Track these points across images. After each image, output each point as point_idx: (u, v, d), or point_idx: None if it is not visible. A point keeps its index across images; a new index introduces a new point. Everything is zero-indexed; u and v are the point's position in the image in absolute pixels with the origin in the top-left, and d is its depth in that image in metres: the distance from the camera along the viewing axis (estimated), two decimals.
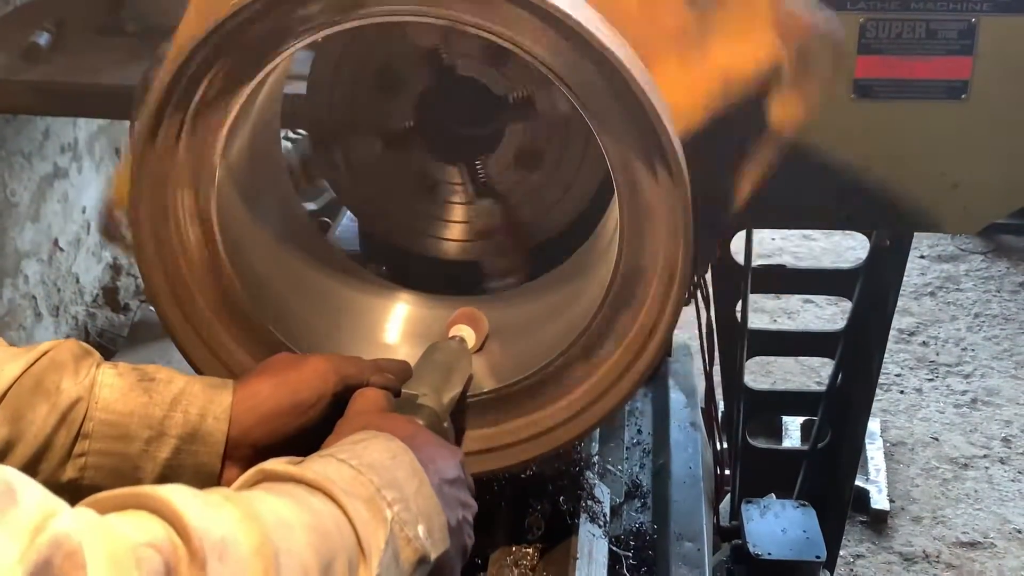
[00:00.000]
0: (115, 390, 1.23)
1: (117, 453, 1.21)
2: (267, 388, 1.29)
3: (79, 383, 1.21)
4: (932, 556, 3.49)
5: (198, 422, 1.24)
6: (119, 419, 1.21)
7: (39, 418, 1.18)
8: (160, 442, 1.23)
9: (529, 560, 1.52)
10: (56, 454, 1.19)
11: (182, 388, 1.25)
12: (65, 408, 1.19)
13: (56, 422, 1.18)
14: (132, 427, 1.22)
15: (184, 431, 1.23)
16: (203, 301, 1.44)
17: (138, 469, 1.22)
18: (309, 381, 1.30)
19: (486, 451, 1.48)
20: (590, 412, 1.43)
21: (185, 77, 1.29)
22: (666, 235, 1.30)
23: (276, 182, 1.65)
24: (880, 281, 2.29)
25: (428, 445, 1.17)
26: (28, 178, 3.15)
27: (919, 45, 1.59)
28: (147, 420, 1.22)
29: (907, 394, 4.19)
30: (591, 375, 1.42)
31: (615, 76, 1.22)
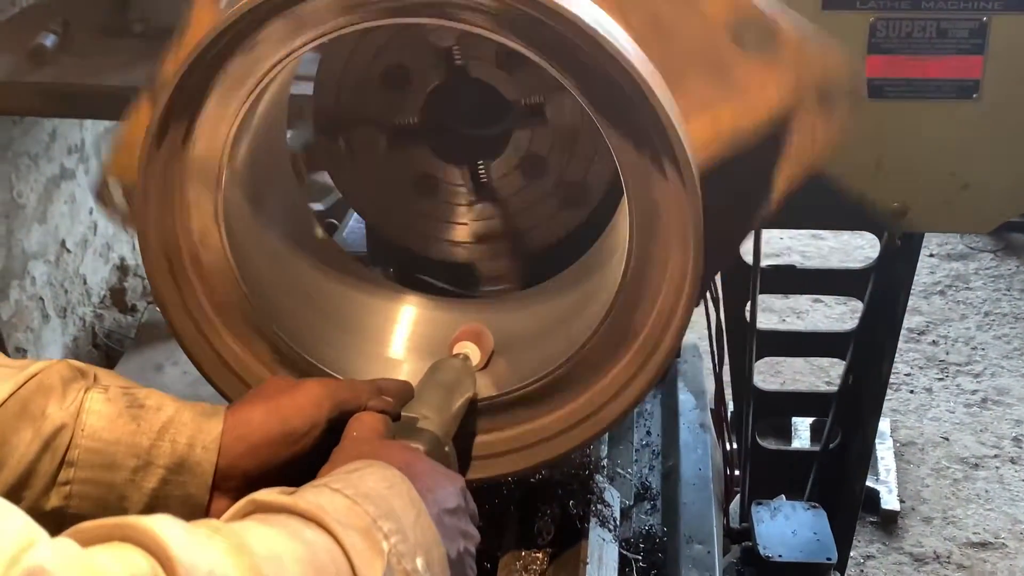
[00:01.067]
0: (102, 417, 1.19)
1: (103, 482, 1.18)
2: (258, 416, 1.25)
3: (65, 408, 1.18)
4: (943, 557, 3.47)
5: (186, 452, 1.21)
6: (105, 447, 1.18)
7: (23, 443, 1.15)
8: (147, 471, 1.19)
9: (539, 565, 1.51)
10: (40, 481, 1.16)
11: (171, 416, 1.22)
12: (49, 434, 1.16)
13: (40, 448, 1.15)
14: (118, 456, 1.19)
15: (171, 461, 1.20)
16: (209, 304, 1.43)
17: (124, 499, 1.19)
18: (302, 408, 1.26)
19: (492, 456, 1.47)
20: (599, 416, 1.42)
21: (193, 79, 1.28)
22: (676, 236, 1.29)
23: (282, 184, 1.64)
24: (891, 281, 2.28)
25: (427, 473, 1.14)
26: (35, 179, 3.15)
27: (930, 44, 1.58)
28: (134, 449, 1.19)
29: (917, 394, 4.18)
30: (601, 379, 1.41)
31: (623, 75, 1.21)
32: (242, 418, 1.24)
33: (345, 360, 1.54)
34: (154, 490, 1.20)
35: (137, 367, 3.07)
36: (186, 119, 1.32)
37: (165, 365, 3.03)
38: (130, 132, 1.42)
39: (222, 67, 1.29)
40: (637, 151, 1.26)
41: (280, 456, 1.24)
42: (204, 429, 1.22)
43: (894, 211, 1.68)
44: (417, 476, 1.11)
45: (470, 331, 1.52)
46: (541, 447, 1.44)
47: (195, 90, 1.30)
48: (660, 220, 1.30)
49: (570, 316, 1.51)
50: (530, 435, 1.44)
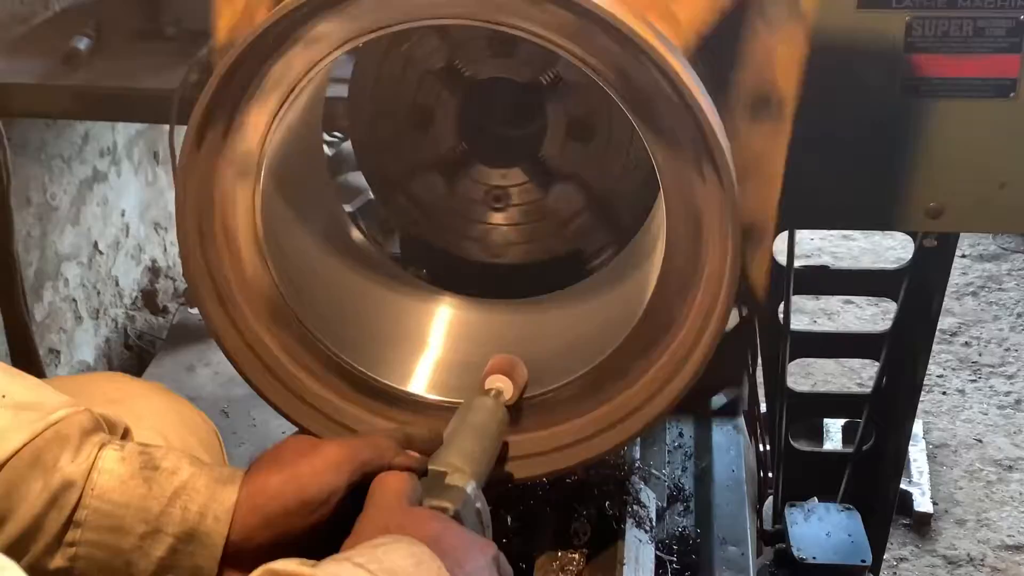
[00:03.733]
0: (114, 477, 1.15)
1: (110, 546, 1.15)
2: (275, 484, 1.19)
3: (77, 464, 1.14)
4: (977, 560, 3.44)
5: (197, 521, 1.16)
6: (114, 510, 1.15)
7: (32, 494, 1.12)
8: (155, 539, 1.15)
9: (575, 565, 1.51)
10: (45, 538, 1.13)
11: (185, 481, 1.17)
12: (57, 489, 1.13)
13: (47, 502, 1.12)
14: (127, 520, 1.15)
15: (181, 529, 1.16)
16: (247, 304, 1.44)
17: (131, 565, 1.15)
18: (321, 475, 1.19)
19: (528, 456, 1.47)
20: (636, 417, 1.41)
21: (234, 80, 1.29)
22: (714, 238, 1.29)
23: (318, 185, 1.65)
24: (925, 282, 2.26)
25: (458, 547, 1.10)
26: (68, 182, 3.16)
27: (966, 43, 1.57)
28: (143, 514, 1.15)
29: (949, 395, 4.14)
30: (637, 380, 1.40)
31: (663, 76, 1.20)
32: (258, 486, 1.19)
33: (378, 360, 1.54)
34: (161, 559, 1.16)
35: (169, 368, 3.09)
36: (226, 118, 1.33)
37: (197, 366, 3.04)
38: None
39: (261, 69, 1.30)
40: (675, 152, 1.26)
41: (296, 527, 1.18)
42: (218, 498, 1.17)
43: (930, 211, 1.66)
44: (447, 552, 1.07)
45: (502, 363, 1.47)
46: (577, 448, 1.44)
47: (235, 90, 1.31)
48: (697, 221, 1.30)
49: (606, 317, 1.51)
50: (566, 435, 1.45)
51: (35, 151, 2.98)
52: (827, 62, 1.51)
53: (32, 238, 2.99)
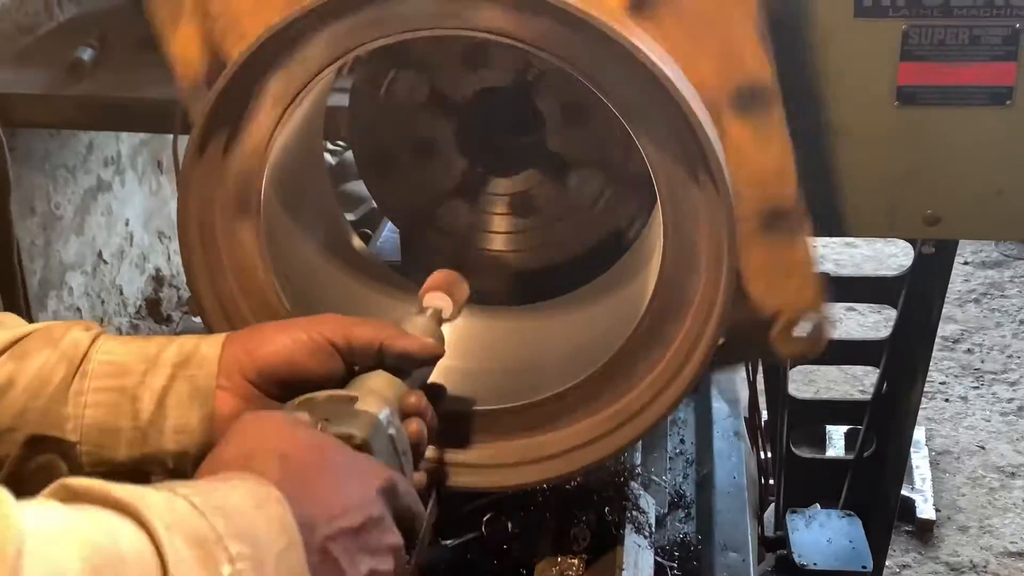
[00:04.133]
0: (116, 340, 1.27)
1: (115, 388, 1.23)
2: (263, 326, 1.30)
3: (85, 334, 1.26)
4: (979, 566, 3.45)
5: (192, 350, 1.26)
6: (117, 359, 1.25)
7: (42, 357, 1.23)
8: (155, 371, 1.24)
9: (575, 571, 1.52)
10: (53, 388, 1.22)
11: (176, 336, 1.29)
12: (66, 347, 1.24)
13: (57, 359, 1.22)
14: (129, 363, 1.25)
15: (178, 359, 1.25)
16: (249, 313, 1.45)
17: (136, 400, 1.23)
18: (304, 323, 1.27)
19: (527, 463, 1.48)
20: (634, 423, 1.42)
21: (234, 92, 1.30)
22: (711, 244, 1.30)
23: (319, 193, 1.66)
24: (925, 289, 2.27)
25: (332, 479, 1.00)
26: (72, 191, 3.17)
27: (962, 51, 1.57)
28: (144, 356, 1.25)
29: (952, 402, 4.15)
30: (636, 385, 1.41)
31: (655, 84, 1.22)
32: (249, 329, 1.31)
33: None
34: (163, 386, 1.24)
35: None
36: (228, 128, 1.34)
37: None
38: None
39: (262, 79, 1.31)
40: (670, 158, 1.27)
41: (279, 358, 1.24)
42: (207, 338, 1.28)
43: (927, 219, 1.67)
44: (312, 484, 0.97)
45: (442, 278, 1.40)
46: (577, 453, 1.45)
47: (236, 101, 1.32)
48: (694, 227, 1.31)
49: (606, 323, 1.52)
50: (566, 440, 1.45)
51: (39, 161, 2.99)
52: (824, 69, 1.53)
53: (36, 247, 3.00)
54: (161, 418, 1.24)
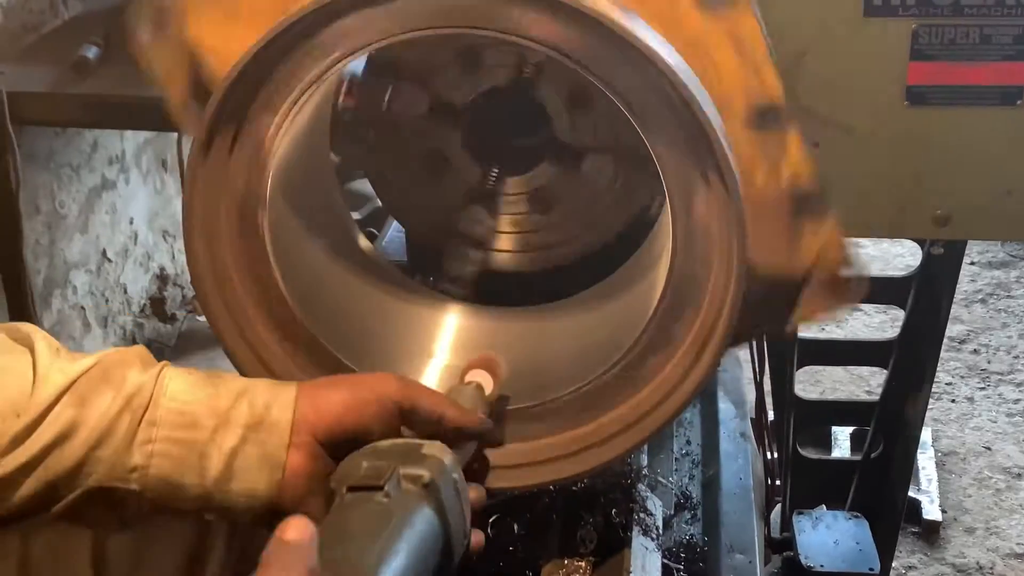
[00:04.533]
0: (182, 382, 1.24)
1: (185, 441, 1.22)
2: (331, 385, 1.29)
3: (146, 375, 1.23)
4: (986, 568, 3.43)
5: (263, 413, 1.24)
6: (186, 407, 1.22)
7: (104, 403, 1.20)
8: (226, 430, 1.23)
9: (582, 573, 1.51)
10: (120, 440, 1.20)
11: (246, 384, 1.27)
12: (130, 393, 1.21)
13: (120, 407, 1.20)
14: (199, 416, 1.22)
15: (250, 420, 1.24)
16: (254, 312, 1.44)
17: (205, 457, 1.22)
18: (373, 385, 1.29)
19: (534, 464, 1.47)
20: (641, 425, 1.41)
21: (239, 89, 1.29)
22: (720, 246, 1.29)
23: (326, 193, 1.65)
24: (933, 289, 2.26)
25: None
26: (76, 190, 3.17)
27: (973, 51, 1.56)
28: (214, 410, 1.23)
29: (958, 403, 4.13)
30: (643, 388, 1.40)
31: (667, 86, 1.21)
32: (314, 387, 1.29)
33: (384, 368, 1.54)
34: (233, 448, 1.23)
35: None
36: (232, 128, 1.33)
37: None
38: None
39: (268, 77, 1.30)
40: (680, 159, 1.26)
41: (349, 421, 1.26)
42: (279, 394, 1.26)
43: (937, 219, 1.66)
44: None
45: (482, 360, 1.46)
46: (585, 455, 1.44)
47: (241, 100, 1.31)
48: (703, 229, 1.30)
49: (613, 324, 1.51)
50: (573, 442, 1.44)
51: (44, 159, 2.99)
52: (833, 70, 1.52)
53: (41, 246, 3.00)
54: (229, 479, 1.24)
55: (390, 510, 1.13)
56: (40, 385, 1.19)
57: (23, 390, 1.18)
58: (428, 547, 1.15)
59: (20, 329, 1.26)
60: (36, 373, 1.19)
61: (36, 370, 1.20)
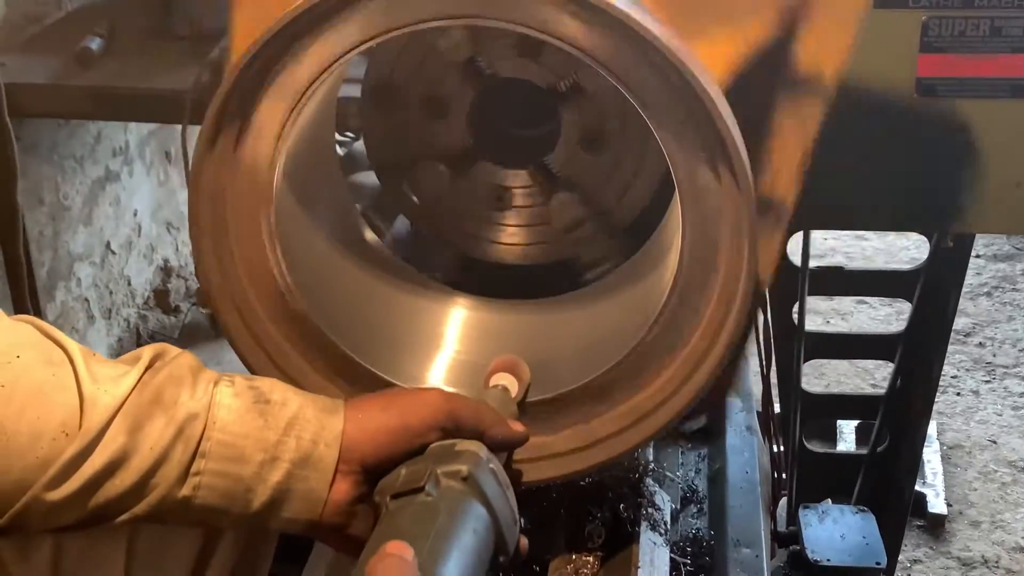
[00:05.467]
0: (232, 411, 1.22)
1: (231, 475, 1.21)
2: (376, 409, 1.29)
3: (197, 400, 1.21)
4: (991, 561, 3.42)
5: (310, 448, 1.24)
6: (235, 440, 1.21)
7: (156, 431, 1.18)
8: (273, 466, 1.22)
9: (590, 568, 1.50)
10: (173, 470, 1.19)
11: (295, 413, 1.25)
12: (182, 422, 1.19)
13: (173, 435, 1.18)
14: (247, 450, 1.22)
15: (297, 456, 1.23)
16: (259, 304, 1.44)
17: (250, 491, 1.22)
18: (419, 410, 1.28)
19: (540, 459, 1.46)
20: (650, 420, 1.40)
21: (246, 81, 1.28)
22: (729, 240, 1.28)
23: (331, 186, 1.64)
24: (940, 282, 2.25)
25: None
26: (80, 182, 3.17)
27: (983, 43, 1.55)
28: (262, 443, 1.22)
29: (964, 396, 4.12)
30: (653, 381, 1.39)
31: (675, 75, 1.20)
32: (361, 411, 1.28)
33: (390, 361, 1.53)
34: (278, 483, 1.23)
35: None
36: (239, 118, 1.32)
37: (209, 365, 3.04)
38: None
39: (274, 70, 1.29)
40: (690, 153, 1.25)
41: (397, 448, 1.26)
42: (327, 426, 1.25)
43: (945, 212, 1.65)
44: None
45: (505, 362, 1.47)
46: (593, 450, 1.43)
47: (248, 92, 1.30)
48: (713, 223, 1.29)
49: (621, 318, 1.50)
50: (581, 438, 1.43)
51: (47, 151, 2.98)
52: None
53: (44, 238, 2.99)
54: (271, 513, 1.24)
55: (435, 506, 1.16)
56: (89, 407, 1.16)
57: (71, 408, 1.16)
58: (480, 538, 1.17)
59: (47, 329, 1.23)
60: (82, 390, 1.17)
61: (81, 386, 1.17)
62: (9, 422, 1.14)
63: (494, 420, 1.32)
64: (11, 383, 1.15)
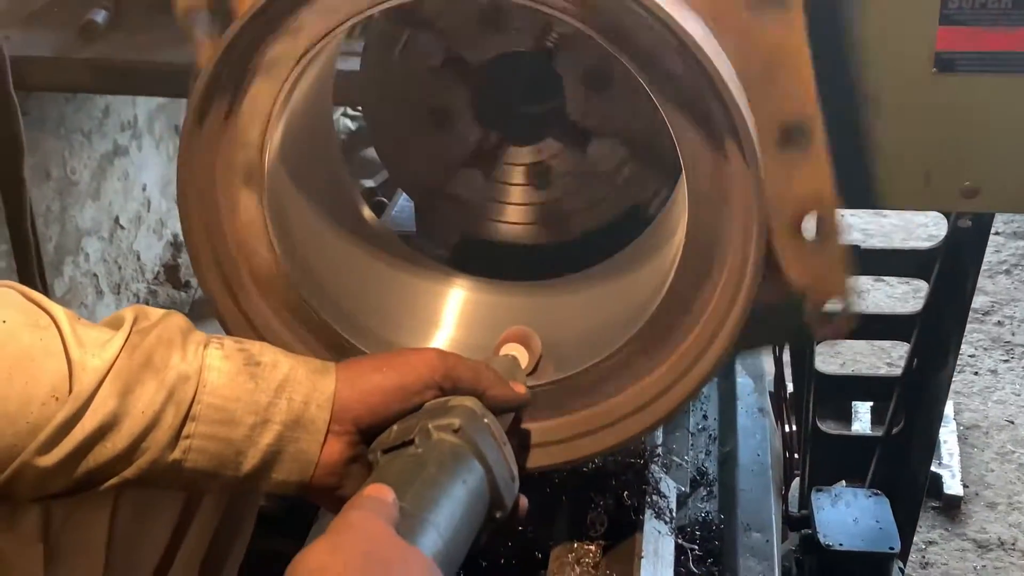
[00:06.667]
0: (222, 374, 1.21)
1: (222, 438, 1.20)
2: (370, 368, 1.28)
3: (188, 363, 1.19)
4: (1008, 543, 3.39)
5: (301, 409, 1.23)
6: (225, 404, 1.20)
7: (147, 394, 1.16)
8: (264, 428, 1.21)
9: (592, 557, 1.46)
10: (164, 433, 1.17)
11: (286, 374, 1.24)
12: (172, 384, 1.17)
13: (164, 399, 1.17)
14: (238, 413, 1.20)
15: (288, 418, 1.22)
16: (253, 285, 1.41)
17: (240, 454, 1.21)
18: (415, 369, 1.27)
19: (552, 443, 1.42)
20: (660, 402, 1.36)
21: (234, 55, 1.25)
22: (738, 218, 1.24)
23: (327, 162, 1.61)
24: (959, 262, 2.20)
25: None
26: (88, 156, 3.14)
27: (1004, 16, 1.51)
28: (253, 406, 1.21)
29: (981, 375, 4.08)
30: (663, 362, 1.35)
31: (682, 49, 1.15)
32: (354, 370, 1.27)
33: (386, 344, 1.50)
34: (269, 445, 1.21)
35: None
36: (229, 94, 1.29)
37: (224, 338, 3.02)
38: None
39: (264, 43, 1.26)
40: (697, 130, 1.21)
41: (391, 408, 1.25)
42: (319, 387, 1.24)
43: (964, 191, 1.61)
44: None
45: (516, 333, 1.46)
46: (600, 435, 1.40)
47: (238, 64, 1.27)
48: (721, 202, 1.24)
49: (627, 300, 1.46)
50: (587, 422, 1.40)
51: (54, 125, 2.95)
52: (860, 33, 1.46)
53: (52, 213, 2.98)
54: (261, 475, 1.23)
55: (423, 458, 1.16)
56: (79, 371, 1.14)
57: (60, 372, 1.14)
58: (471, 490, 1.16)
59: (30, 294, 1.20)
60: (69, 354, 1.15)
61: (68, 350, 1.15)
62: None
63: (493, 380, 1.30)
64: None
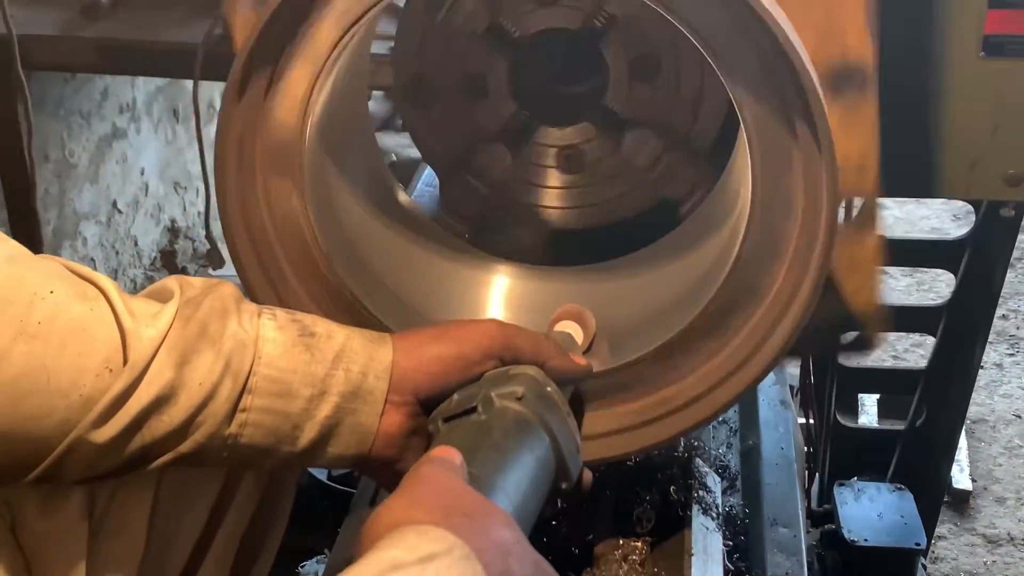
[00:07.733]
0: (278, 345, 1.16)
1: (278, 411, 1.15)
2: (428, 339, 1.24)
3: (245, 331, 1.15)
4: (1017, 538, 3.36)
5: (360, 380, 1.19)
6: (282, 375, 1.16)
7: (205, 365, 1.12)
8: (321, 400, 1.17)
9: (639, 554, 1.41)
10: (221, 406, 1.12)
11: (342, 344, 1.20)
12: (229, 354, 1.13)
13: (222, 370, 1.12)
14: (295, 385, 1.16)
15: (346, 389, 1.18)
16: (288, 267, 1.35)
17: (297, 428, 1.16)
18: (475, 338, 1.23)
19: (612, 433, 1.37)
20: (727, 385, 1.31)
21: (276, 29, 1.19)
22: (806, 196, 1.19)
23: (363, 145, 1.55)
24: (988, 254, 2.17)
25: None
26: (87, 139, 3.10)
27: None
28: (309, 378, 1.17)
29: (987, 369, 4.04)
30: (725, 346, 1.30)
31: (752, 20, 1.10)
32: (413, 340, 1.24)
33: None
34: (327, 418, 1.17)
35: None
36: (268, 71, 1.23)
37: None
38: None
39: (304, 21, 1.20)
40: (766, 108, 1.15)
41: (451, 378, 1.22)
42: (376, 357, 1.21)
43: (1009, 179, 1.57)
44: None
45: (570, 311, 1.41)
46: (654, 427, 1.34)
47: (277, 41, 1.21)
48: (788, 182, 1.19)
49: (681, 284, 1.40)
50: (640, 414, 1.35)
51: (53, 106, 2.91)
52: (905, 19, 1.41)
53: (50, 195, 2.93)
54: (318, 449, 1.19)
55: (488, 424, 1.13)
56: (133, 341, 1.09)
57: (113, 342, 1.09)
58: (538, 458, 1.13)
59: (74, 266, 1.16)
60: (122, 324, 1.10)
61: (120, 320, 1.10)
62: (49, 359, 1.06)
63: (554, 351, 1.27)
64: (48, 320, 1.07)
